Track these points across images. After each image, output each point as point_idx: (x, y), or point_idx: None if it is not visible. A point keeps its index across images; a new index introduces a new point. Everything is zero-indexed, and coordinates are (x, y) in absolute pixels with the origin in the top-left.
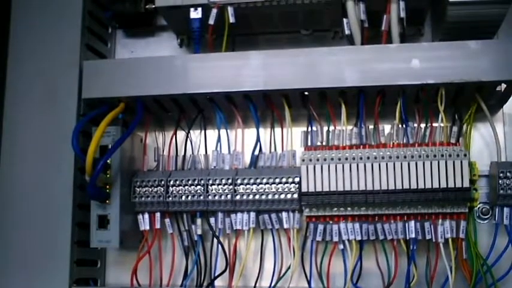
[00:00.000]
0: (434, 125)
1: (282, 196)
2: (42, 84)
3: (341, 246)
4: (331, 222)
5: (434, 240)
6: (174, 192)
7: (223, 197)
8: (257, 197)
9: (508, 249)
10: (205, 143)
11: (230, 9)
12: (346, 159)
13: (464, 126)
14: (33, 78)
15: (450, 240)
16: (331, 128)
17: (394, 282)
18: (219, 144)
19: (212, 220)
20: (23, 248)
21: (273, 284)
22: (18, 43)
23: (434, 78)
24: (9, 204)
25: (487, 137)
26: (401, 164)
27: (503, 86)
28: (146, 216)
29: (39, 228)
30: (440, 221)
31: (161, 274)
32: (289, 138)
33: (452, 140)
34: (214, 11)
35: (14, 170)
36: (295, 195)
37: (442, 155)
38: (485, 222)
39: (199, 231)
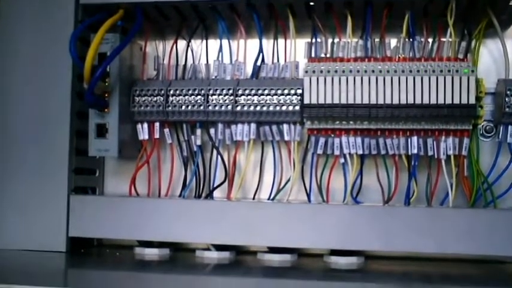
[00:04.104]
0: (442, 39)
1: (284, 108)
2: None
3: (342, 160)
4: (332, 135)
5: (436, 156)
6: (174, 102)
7: (223, 108)
8: (258, 108)
9: (509, 168)
10: (207, 53)
11: None
12: (351, 71)
13: (473, 42)
14: None
15: (452, 157)
16: (336, 39)
17: (394, 197)
18: (220, 54)
19: (212, 131)
20: (22, 157)
21: (272, 197)
22: None
23: None
24: (6, 114)
25: (495, 54)
26: (406, 78)
27: None
28: (145, 125)
29: (38, 137)
30: (443, 137)
31: (160, 184)
32: (293, 49)
33: (460, 56)
34: None
35: (10, 78)
36: (297, 107)
37: (449, 71)
38: (488, 140)
39: (198, 142)
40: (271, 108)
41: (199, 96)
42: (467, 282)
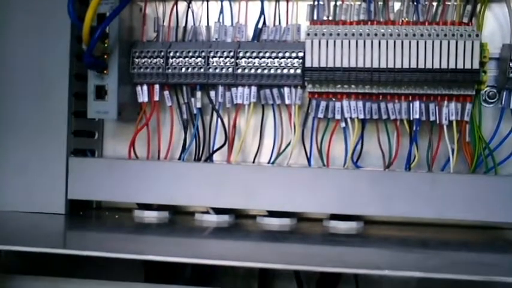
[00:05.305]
0: (447, 3)
1: (285, 71)
2: None
3: (343, 124)
4: (334, 99)
5: (438, 121)
6: (174, 64)
7: (224, 70)
8: (259, 71)
9: (511, 134)
10: (207, 15)
11: None
12: (353, 35)
13: (478, 6)
14: None
15: (454, 122)
16: (339, 2)
17: (394, 162)
18: (221, 16)
19: (212, 93)
20: (21, 118)
21: (272, 160)
22: None
23: None
24: (4, 76)
25: (501, 18)
26: (409, 42)
27: None
28: (145, 88)
29: (36, 99)
30: (445, 102)
31: (159, 147)
32: (295, 12)
33: (465, 20)
34: None
35: (8, 40)
36: (299, 71)
37: (453, 35)
38: (491, 106)
39: (198, 105)
40: (272, 71)
41: (199, 59)
42: (467, 248)
